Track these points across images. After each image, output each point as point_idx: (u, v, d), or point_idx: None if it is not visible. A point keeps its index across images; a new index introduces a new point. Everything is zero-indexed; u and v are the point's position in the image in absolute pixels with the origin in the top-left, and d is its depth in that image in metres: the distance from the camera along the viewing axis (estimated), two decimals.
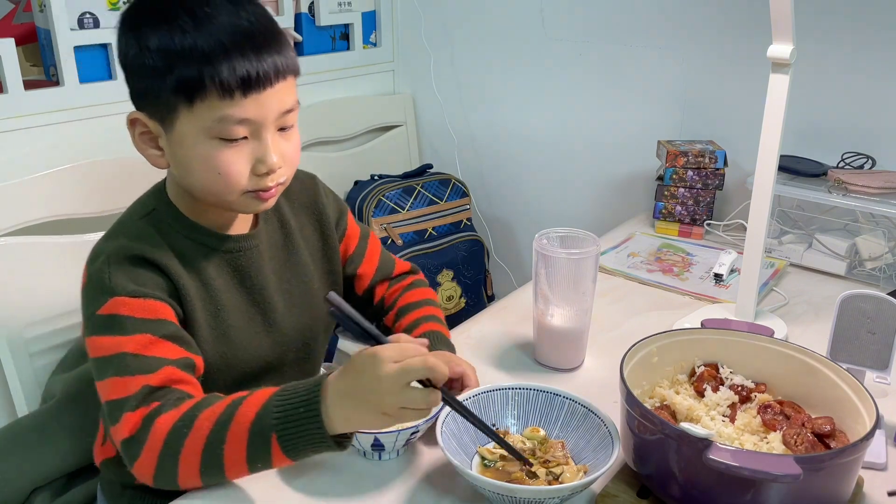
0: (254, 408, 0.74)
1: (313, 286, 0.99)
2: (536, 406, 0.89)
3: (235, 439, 0.73)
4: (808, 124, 1.51)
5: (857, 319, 0.95)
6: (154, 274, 0.83)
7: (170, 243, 0.86)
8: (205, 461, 0.74)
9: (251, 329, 0.92)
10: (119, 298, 0.79)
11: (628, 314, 1.24)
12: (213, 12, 0.77)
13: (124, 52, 0.81)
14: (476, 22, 1.97)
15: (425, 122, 2.18)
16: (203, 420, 0.74)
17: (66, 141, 1.44)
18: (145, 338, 0.78)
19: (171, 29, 0.76)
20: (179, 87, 0.77)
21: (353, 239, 1.06)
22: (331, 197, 1.04)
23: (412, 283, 1.10)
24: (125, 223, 0.88)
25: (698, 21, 1.62)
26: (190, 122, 0.79)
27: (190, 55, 0.76)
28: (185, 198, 0.88)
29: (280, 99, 0.81)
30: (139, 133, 0.84)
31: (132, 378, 0.77)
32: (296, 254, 0.98)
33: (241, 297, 0.91)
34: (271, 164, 0.82)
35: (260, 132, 0.81)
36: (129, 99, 0.83)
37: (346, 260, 1.06)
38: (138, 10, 0.80)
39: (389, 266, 1.10)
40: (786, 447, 0.79)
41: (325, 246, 1.02)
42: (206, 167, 0.80)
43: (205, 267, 0.88)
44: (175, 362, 0.79)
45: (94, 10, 1.47)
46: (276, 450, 0.73)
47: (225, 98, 0.77)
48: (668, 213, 1.56)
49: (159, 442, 0.75)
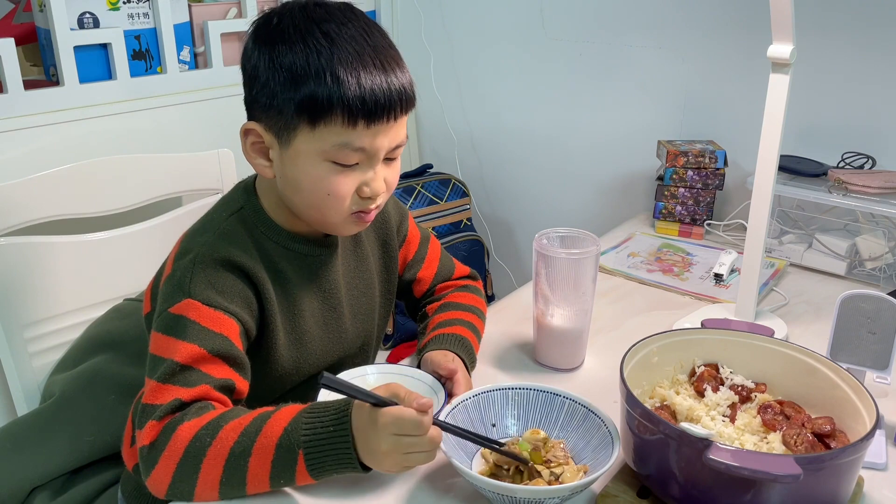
0: (282, 423, 0.74)
1: (374, 292, 1.01)
2: (536, 406, 0.89)
3: (261, 452, 0.73)
4: (808, 124, 1.51)
5: (857, 319, 0.95)
6: (238, 279, 0.83)
7: (257, 245, 0.87)
8: (227, 472, 0.74)
9: (322, 334, 0.93)
10: (192, 301, 0.80)
11: (628, 314, 1.24)
12: (349, 38, 0.79)
13: (254, 64, 0.81)
14: (476, 22, 1.97)
15: (425, 122, 2.18)
16: (228, 430, 0.74)
17: (66, 141, 1.44)
18: (198, 351, 0.78)
19: (307, 48, 0.78)
20: (306, 107, 0.78)
21: (413, 244, 1.07)
22: (393, 202, 1.05)
23: (466, 287, 1.11)
24: (214, 219, 0.88)
25: (698, 21, 1.62)
26: (308, 143, 0.80)
27: (321, 78, 0.77)
28: (275, 203, 0.89)
29: (396, 133, 0.84)
30: (251, 143, 0.85)
31: (170, 388, 0.77)
32: (364, 261, 1.00)
33: (316, 301, 0.92)
34: (376, 190, 0.84)
35: (372, 162, 0.83)
36: (245, 106, 0.85)
37: (406, 264, 1.07)
38: (273, 23, 0.81)
39: (449, 269, 1.11)
40: (786, 447, 0.79)
41: (385, 254, 1.03)
42: (316, 187, 0.82)
43: (285, 270, 0.89)
44: (215, 381, 0.79)
45: (94, 10, 1.47)
46: (302, 467, 0.73)
47: (348, 126, 0.79)
48: (668, 213, 1.56)
49: (180, 450, 0.74)
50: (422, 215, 1.88)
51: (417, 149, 2.20)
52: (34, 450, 1.04)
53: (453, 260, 1.13)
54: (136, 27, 1.54)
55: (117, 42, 1.49)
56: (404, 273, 1.07)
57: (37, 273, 1.15)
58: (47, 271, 1.16)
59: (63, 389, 1.10)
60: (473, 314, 1.06)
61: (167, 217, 1.30)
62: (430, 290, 1.10)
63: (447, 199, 1.93)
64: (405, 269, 1.07)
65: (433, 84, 2.09)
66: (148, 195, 1.31)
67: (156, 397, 0.77)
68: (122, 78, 1.52)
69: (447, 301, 1.07)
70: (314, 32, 0.79)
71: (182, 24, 1.61)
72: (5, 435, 1.06)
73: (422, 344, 1.01)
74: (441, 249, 1.12)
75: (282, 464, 0.73)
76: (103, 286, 1.23)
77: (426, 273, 1.09)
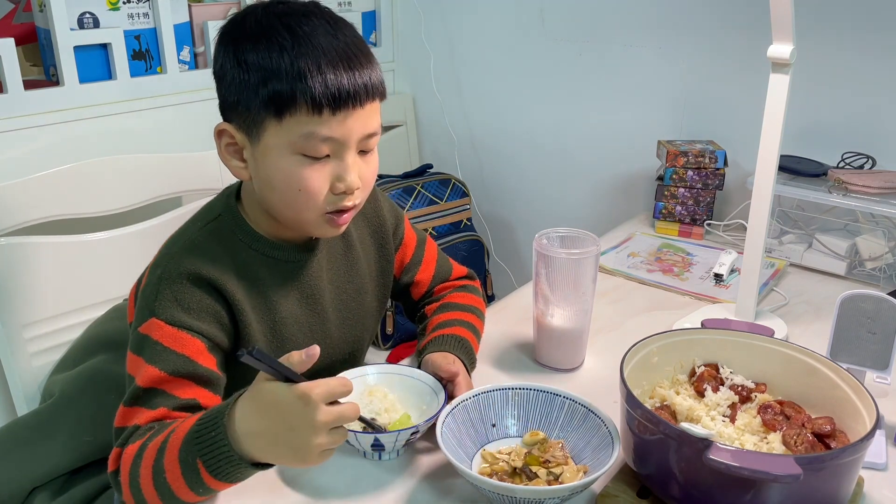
0: (181, 434, 0.74)
1: (367, 297, 1.01)
2: (536, 406, 0.89)
3: (171, 467, 0.73)
4: (808, 124, 1.51)
5: (857, 319, 0.95)
6: (205, 294, 0.83)
7: (231, 254, 0.86)
8: (158, 489, 0.74)
9: (307, 340, 0.93)
10: (156, 321, 0.80)
11: (628, 314, 1.24)
12: (311, 31, 0.80)
13: (220, 64, 0.82)
14: (476, 22, 1.97)
15: (425, 122, 2.18)
16: (150, 449, 0.75)
17: (66, 141, 1.44)
18: (157, 374, 0.79)
19: (270, 45, 0.79)
20: (271, 101, 0.78)
21: (409, 247, 1.07)
22: (388, 205, 1.05)
23: (464, 287, 1.11)
24: (188, 230, 0.88)
25: (698, 21, 1.62)
26: (276, 136, 0.80)
27: (285, 71, 0.78)
28: (257, 209, 0.89)
29: (365, 121, 0.82)
30: (225, 144, 0.85)
31: (134, 411, 0.79)
32: (355, 265, 0.99)
33: (298, 308, 0.92)
34: (350, 184, 0.83)
35: (342, 152, 0.82)
36: (219, 110, 0.85)
37: (403, 268, 1.07)
38: (239, 25, 0.82)
39: (447, 271, 1.11)
40: (786, 447, 0.79)
41: (380, 258, 1.03)
42: (288, 183, 0.82)
43: (264, 278, 0.88)
44: (174, 402, 0.79)
45: (94, 10, 1.47)
46: (206, 475, 0.72)
47: (313, 114, 0.79)
48: (668, 213, 1.56)
49: (126, 474, 0.76)
50: (422, 215, 1.88)
51: (417, 149, 2.20)
52: (34, 450, 1.04)
53: (450, 261, 1.13)
54: (136, 27, 1.54)
55: (117, 42, 1.49)
56: (401, 276, 1.07)
57: (37, 273, 1.15)
58: (47, 271, 1.16)
59: (63, 389, 1.10)
60: (473, 314, 1.06)
61: (167, 217, 1.30)
62: (429, 291, 1.10)
63: (447, 199, 1.93)
64: (402, 272, 1.07)
65: (433, 84, 2.09)
66: (148, 195, 1.31)
67: (122, 420, 0.80)
68: (122, 78, 1.52)
69: (446, 301, 1.07)
70: (276, 28, 0.80)
71: (182, 24, 1.61)
72: (5, 435, 1.06)
73: (421, 345, 1.01)
74: (438, 251, 1.12)
75: (190, 474, 0.72)
76: (103, 286, 1.23)
77: (423, 275, 1.09)
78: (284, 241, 0.91)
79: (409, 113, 2.16)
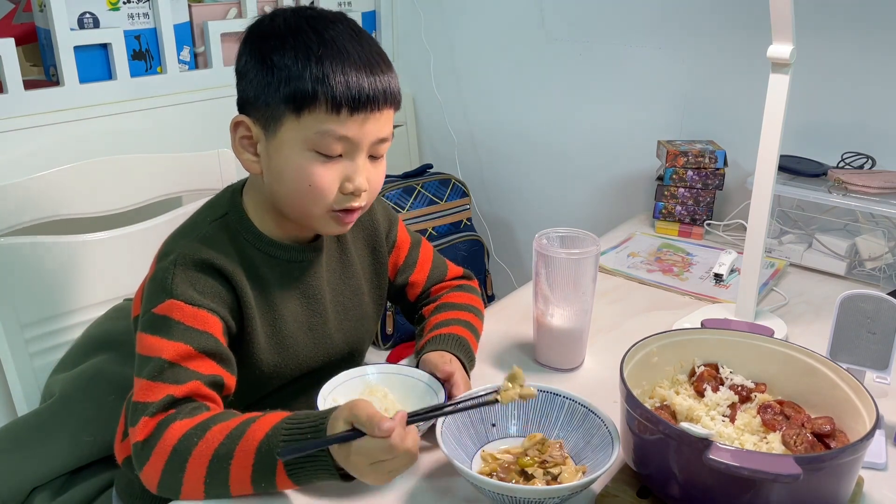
0: (264, 428, 0.75)
1: (364, 298, 1.02)
2: (536, 406, 0.89)
3: (243, 456, 0.75)
4: (808, 124, 1.51)
5: (857, 319, 0.95)
6: (217, 282, 0.85)
7: (238, 250, 0.88)
8: (210, 473, 0.75)
9: (306, 339, 0.94)
10: (175, 302, 0.81)
11: (628, 314, 1.24)
12: (336, 36, 0.83)
13: (244, 61, 0.85)
14: (476, 22, 1.98)
15: (425, 121, 2.18)
16: (215, 432, 0.76)
17: (66, 141, 1.44)
18: (185, 349, 0.80)
19: (297, 44, 0.81)
20: (292, 97, 0.81)
21: (403, 249, 1.07)
22: (382, 208, 1.06)
23: (461, 286, 1.11)
24: (198, 223, 0.90)
25: (698, 21, 1.62)
26: (293, 131, 0.82)
27: (310, 70, 0.80)
28: (261, 208, 0.90)
29: (380, 126, 0.85)
30: (240, 137, 0.87)
31: (160, 385, 0.79)
32: (350, 267, 1.00)
33: (298, 307, 0.93)
34: (358, 185, 0.85)
35: (354, 153, 0.84)
36: (236, 104, 0.87)
37: (397, 270, 1.07)
38: (267, 24, 0.84)
39: (442, 271, 1.11)
40: (786, 447, 0.79)
41: (374, 260, 1.04)
42: (299, 177, 0.83)
43: (267, 277, 0.90)
44: (204, 377, 0.81)
45: (94, 10, 1.47)
46: (282, 473, 0.74)
47: (332, 113, 0.81)
48: (668, 213, 1.56)
49: (169, 447, 0.76)
50: (422, 215, 1.87)
51: (417, 149, 2.20)
52: (34, 450, 1.04)
53: (446, 262, 1.13)
54: (136, 27, 1.54)
55: (117, 42, 1.49)
56: (396, 278, 1.08)
57: (37, 273, 1.15)
58: (47, 271, 1.16)
59: (63, 389, 1.10)
60: (471, 313, 1.06)
61: (167, 217, 1.30)
62: (425, 293, 1.10)
63: (447, 199, 1.93)
64: (396, 274, 1.07)
65: (433, 84, 2.09)
66: (148, 195, 1.31)
67: (147, 395, 0.79)
68: (122, 78, 1.52)
69: (443, 301, 1.07)
70: (304, 29, 0.82)
71: (182, 24, 1.61)
72: (5, 435, 1.06)
73: (419, 346, 1.01)
74: (434, 253, 1.12)
75: (262, 468, 0.74)
76: (103, 286, 1.23)
77: (418, 277, 1.09)
78: (287, 241, 0.92)
79: (409, 113, 2.16)
